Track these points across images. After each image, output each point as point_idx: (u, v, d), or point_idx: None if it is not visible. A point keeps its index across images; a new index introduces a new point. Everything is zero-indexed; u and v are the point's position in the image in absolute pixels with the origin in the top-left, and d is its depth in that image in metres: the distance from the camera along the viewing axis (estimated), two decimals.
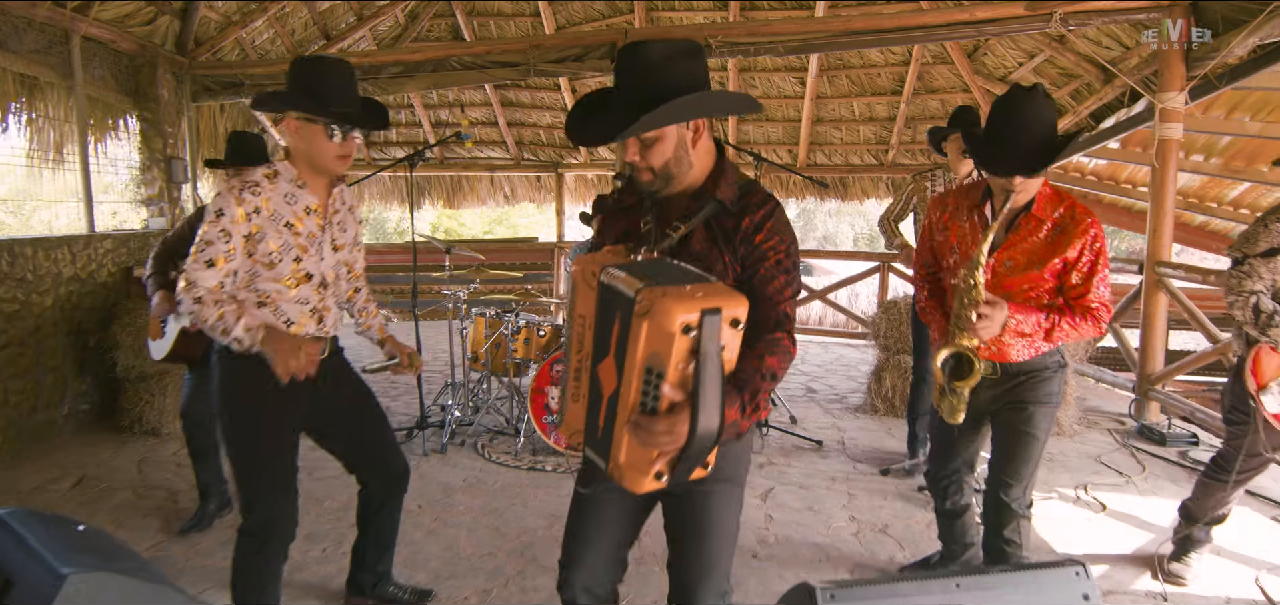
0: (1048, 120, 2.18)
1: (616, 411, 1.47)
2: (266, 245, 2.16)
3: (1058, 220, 2.22)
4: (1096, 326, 2.22)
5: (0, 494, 3.84)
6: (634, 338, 1.40)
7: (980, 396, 2.37)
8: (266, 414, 2.21)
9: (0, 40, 4.73)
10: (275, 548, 2.27)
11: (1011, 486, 2.35)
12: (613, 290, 1.47)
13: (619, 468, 1.49)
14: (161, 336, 3.53)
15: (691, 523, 1.73)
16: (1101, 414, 5.41)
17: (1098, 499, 3.83)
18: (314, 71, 2.18)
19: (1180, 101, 4.91)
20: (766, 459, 4.43)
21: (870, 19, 5.77)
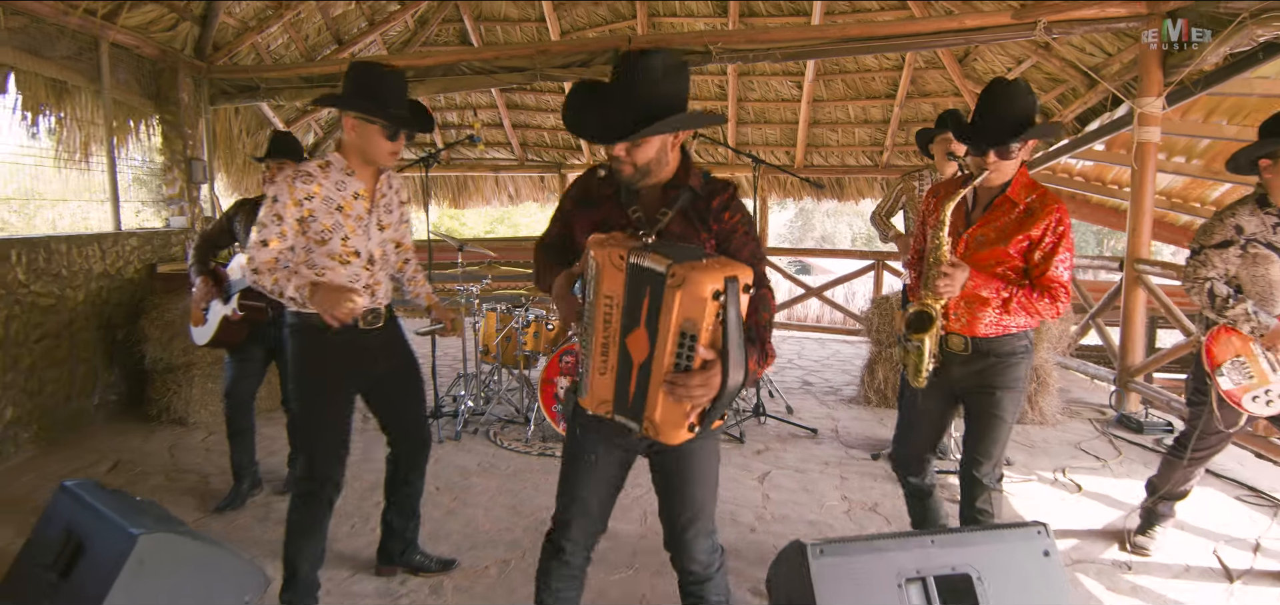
0: (1022, 106, 2.40)
1: (650, 375, 1.72)
2: (318, 225, 2.45)
3: (1029, 204, 2.42)
4: (1053, 304, 2.38)
5: (41, 477, 4.08)
6: (667, 307, 1.66)
7: (952, 374, 2.54)
8: (329, 383, 2.53)
9: (34, 47, 4.97)
10: (325, 500, 2.56)
11: (982, 464, 2.55)
12: (644, 269, 1.70)
13: (654, 425, 1.74)
14: (204, 323, 3.79)
15: (679, 475, 1.99)
16: (1084, 405, 5.66)
17: (1074, 481, 4.08)
18: (373, 76, 2.46)
19: (1157, 106, 5.16)
20: (764, 445, 4.68)
21: (864, 27, 6.02)
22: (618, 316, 1.77)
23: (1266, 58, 4.58)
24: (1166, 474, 3.18)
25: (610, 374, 1.80)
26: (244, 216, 3.77)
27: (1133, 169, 5.31)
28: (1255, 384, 2.79)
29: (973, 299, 2.44)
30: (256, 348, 3.75)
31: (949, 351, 2.52)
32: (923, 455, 2.78)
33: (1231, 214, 2.82)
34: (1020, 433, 4.93)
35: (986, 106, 2.43)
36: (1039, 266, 2.40)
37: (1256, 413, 2.81)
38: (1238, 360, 2.81)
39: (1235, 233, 2.79)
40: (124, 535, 2.30)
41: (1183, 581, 3.00)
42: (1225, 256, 2.80)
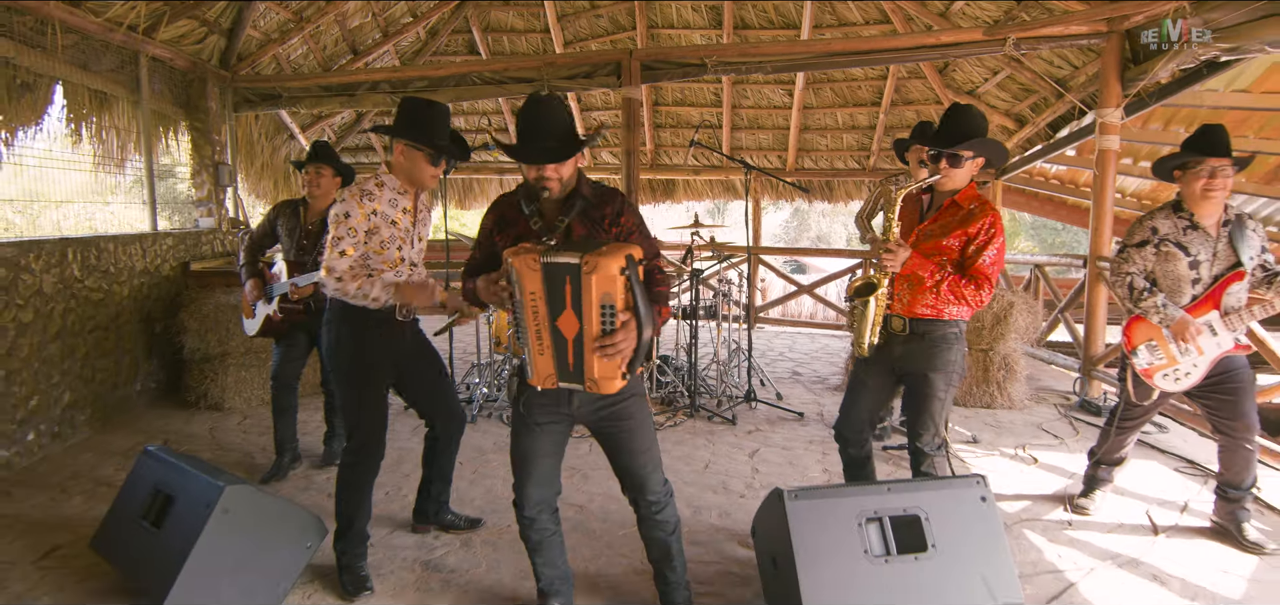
0: (971, 124, 2.85)
1: (583, 344, 2.22)
2: (379, 236, 2.87)
3: (971, 209, 2.85)
4: (977, 291, 2.76)
5: (99, 454, 4.51)
6: (587, 289, 2.15)
7: (893, 352, 2.94)
8: (370, 366, 2.94)
9: (84, 62, 5.39)
10: (370, 464, 2.99)
11: (921, 435, 2.94)
12: (559, 264, 2.17)
13: (595, 381, 2.25)
14: (253, 316, 4.23)
15: (623, 434, 2.47)
16: (1051, 392, 6.12)
17: (1033, 455, 4.53)
18: (422, 110, 2.89)
19: (1117, 117, 5.61)
20: (754, 427, 5.12)
21: (849, 42, 6.48)
22: (543, 307, 2.23)
23: (1210, 74, 5.03)
24: (1102, 442, 3.63)
25: (548, 352, 2.27)
26: (285, 218, 4.17)
27: (1094, 173, 5.76)
28: (1166, 364, 3.24)
29: (913, 280, 2.87)
30: (300, 335, 4.18)
31: (891, 331, 2.94)
32: (862, 427, 3.12)
33: (1151, 217, 3.27)
34: (989, 415, 5.39)
35: (944, 121, 2.92)
36: (971, 257, 2.82)
37: (1166, 389, 3.26)
38: (1151, 343, 3.26)
39: (1151, 233, 3.24)
40: (212, 487, 2.74)
41: (1114, 535, 3.45)
42: (1144, 254, 3.25)
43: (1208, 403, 3.30)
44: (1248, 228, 3.15)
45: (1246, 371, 3.22)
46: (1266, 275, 3.15)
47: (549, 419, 2.45)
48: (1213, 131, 3.12)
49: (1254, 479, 3.33)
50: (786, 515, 2.56)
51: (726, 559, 3.25)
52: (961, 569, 2.56)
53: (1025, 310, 5.69)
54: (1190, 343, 3.14)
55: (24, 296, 4.36)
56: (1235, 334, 3.13)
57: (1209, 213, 3.16)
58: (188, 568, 2.59)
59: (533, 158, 2.31)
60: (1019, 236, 24.18)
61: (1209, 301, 3.13)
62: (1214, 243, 3.16)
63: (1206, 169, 3.07)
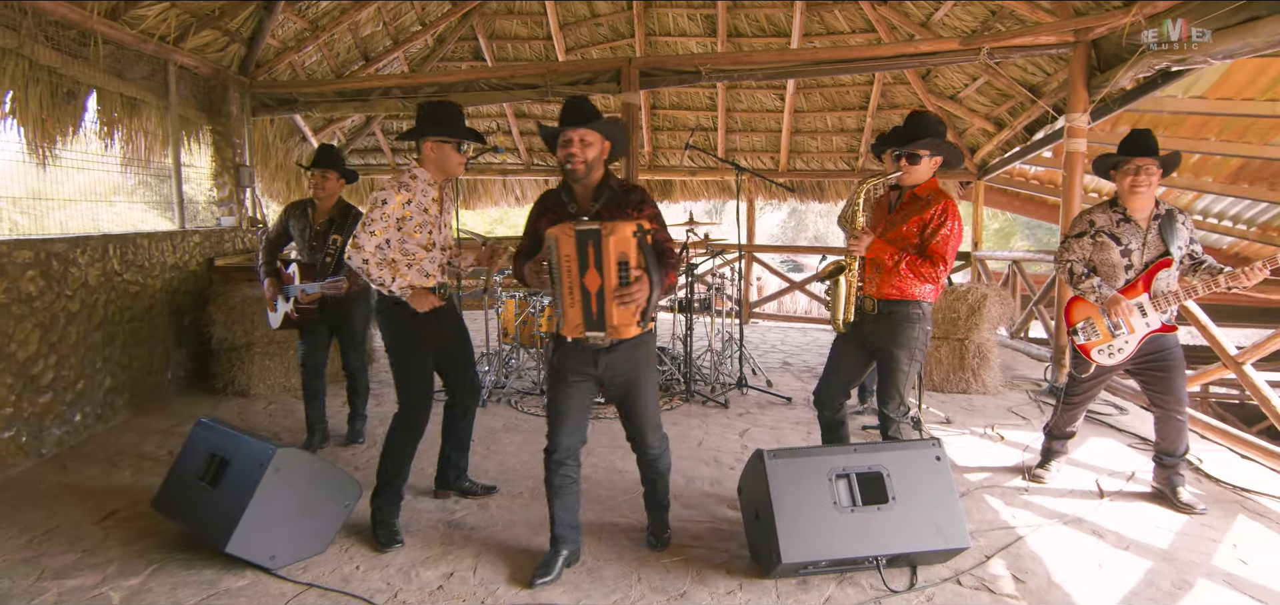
0: (926, 128, 3.33)
1: (604, 297, 2.75)
2: (412, 222, 3.28)
3: (928, 198, 3.31)
4: (933, 267, 3.20)
5: (141, 434, 4.89)
6: (606, 250, 2.69)
7: (865, 329, 3.40)
8: (417, 345, 3.38)
9: (119, 70, 5.78)
10: (417, 430, 3.40)
11: (888, 403, 3.37)
12: (585, 231, 2.73)
13: (614, 328, 2.78)
14: (274, 311, 4.59)
15: (633, 397, 3.03)
16: (1024, 379, 6.52)
17: (1000, 434, 4.93)
18: (443, 109, 3.35)
19: (1084, 121, 6.01)
20: (745, 410, 5.52)
21: (837, 51, 6.88)
22: (574, 266, 2.76)
23: (1165, 82, 5.44)
24: (1055, 417, 4.03)
25: (578, 305, 2.81)
26: (296, 219, 4.53)
27: (1063, 174, 6.17)
28: (1101, 340, 3.64)
29: (878, 264, 3.33)
30: (322, 326, 4.55)
31: (863, 311, 3.40)
32: (837, 394, 3.58)
33: (1089, 212, 3.69)
34: (964, 400, 5.79)
35: (905, 126, 3.44)
36: (927, 239, 3.27)
37: (1102, 362, 3.66)
38: (1088, 322, 3.67)
39: (1089, 226, 3.66)
40: (265, 449, 3.12)
41: (1064, 499, 3.84)
42: (1082, 244, 3.67)
43: (1144, 379, 3.70)
44: (1177, 221, 3.55)
45: (1177, 351, 3.61)
46: (1193, 263, 3.55)
47: (578, 378, 2.96)
48: (1140, 135, 3.54)
49: (1186, 447, 3.73)
50: (766, 473, 2.96)
51: (716, 519, 3.64)
52: (917, 517, 2.95)
53: (998, 302, 6.09)
54: (1121, 320, 3.54)
55: (72, 288, 4.74)
56: (1164, 315, 3.52)
57: (1139, 207, 3.57)
58: (246, 518, 2.98)
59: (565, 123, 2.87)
60: (1015, 236, 24.61)
61: (1140, 285, 3.54)
62: (1144, 233, 3.56)
63: (1133, 167, 3.50)
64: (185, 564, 3.14)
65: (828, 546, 2.89)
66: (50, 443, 4.52)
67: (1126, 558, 3.22)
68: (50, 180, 5.52)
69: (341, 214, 4.50)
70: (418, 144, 3.37)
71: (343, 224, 4.46)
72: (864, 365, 3.55)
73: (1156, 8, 5.05)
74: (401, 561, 3.19)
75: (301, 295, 4.37)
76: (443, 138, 3.30)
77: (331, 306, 4.47)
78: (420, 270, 3.36)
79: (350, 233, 4.25)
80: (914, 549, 2.93)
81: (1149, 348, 3.59)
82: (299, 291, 4.37)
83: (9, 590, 2.95)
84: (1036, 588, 2.98)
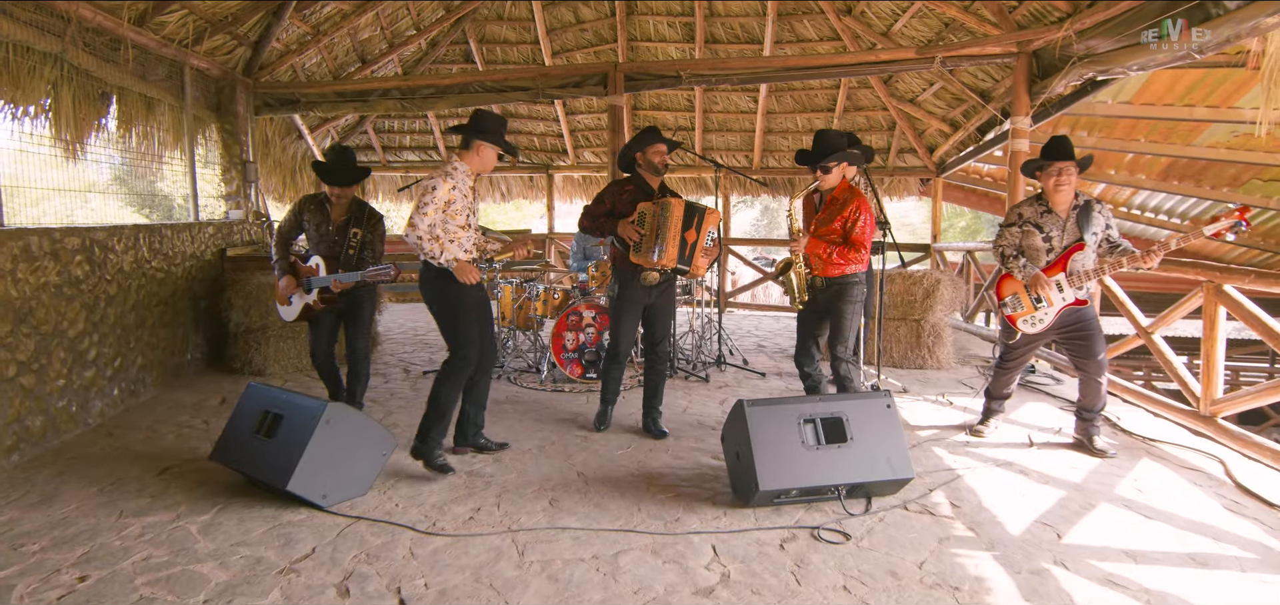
0: (832, 143, 4.27)
1: (695, 248, 4.42)
2: (455, 207, 3.86)
3: (843, 199, 4.25)
4: (857, 251, 4.18)
5: (171, 408, 5.34)
6: (703, 223, 4.44)
7: (817, 300, 4.39)
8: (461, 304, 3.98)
9: (142, 73, 6.19)
10: (465, 367, 4.00)
11: (837, 346, 4.34)
12: (696, 206, 4.46)
13: (696, 267, 4.47)
14: (289, 306, 4.76)
15: (663, 313, 4.64)
16: (975, 356, 7.20)
17: (950, 400, 5.58)
18: (495, 120, 4.03)
19: (1026, 123, 6.68)
20: (724, 383, 6.11)
21: (805, 58, 7.52)
22: (680, 224, 4.35)
23: (1094, 89, 6.13)
24: (992, 380, 4.68)
25: (675, 246, 4.35)
26: (311, 214, 4.73)
27: (1008, 171, 6.85)
28: (1025, 312, 4.30)
29: (816, 255, 4.25)
30: (329, 315, 4.78)
31: (815, 287, 4.30)
32: (810, 352, 4.50)
33: (1019, 205, 4.38)
34: (919, 374, 6.44)
35: (815, 144, 4.32)
36: (848, 230, 4.20)
37: (1027, 331, 4.32)
38: (1014, 296, 4.32)
39: (1017, 217, 4.33)
40: (318, 404, 3.63)
41: (999, 449, 4.48)
42: (1012, 232, 4.33)
43: (1069, 347, 4.37)
44: (1094, 210, 4.16)
45: (1094, 322, 4.28)
46: (1110, 245, 4.16)
47: (633, 303, 4.57)
48: (1059, 141, 4.20)
49: (1103, 404, 4.39)
50: (746, 419, 3.53)
51: (702, 466, 4.21)
52: (871, 453, 3.56)
53: (950, 286, 6.76)
54: (1041, 293, 4.19)
55: (111, 273, 5.18)
56: (1078, 291, 4.16)
57: (1060, 201, 4.21)
58: (303, 461, 3.48)
59: (657, 141, 4.55)
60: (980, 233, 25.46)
61: (1058, 266, 4.19)
62: (1063, 222, 4.21)
63: (1055, 169, 4.15)
64: (247, 504, 3.63)
65: (797, 477, 3.48)
66: (94, 413, 4.96)
67: (1045, 489, 3.86)
68: (78, 174, 5.93)
69: (359, 209, 4.71)
70: (467, 140, 3.97)
71: (361, 219, 4.68)
72: (821, 324, 4.49)
73: (1084, 23, 5.72)
74: (435, 499, 3.72)
75: (335, 285, 4.48)
76: (492, 142, 3.98)
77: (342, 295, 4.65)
78: (460, 246, 3.92)
79: (370, 227, 4.70)
80: (868, 479, 3.53)
81: (1067, 319, 4.23)
82: (332, 282, 4.48)
83: (97, 526, 3.42)
84: (969, 511, 3.59)
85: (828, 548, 3.22)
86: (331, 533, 3.36)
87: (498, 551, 3.19)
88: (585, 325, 5.98)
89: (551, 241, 11.38)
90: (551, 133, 10.98)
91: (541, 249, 11.41)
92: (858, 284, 4.28)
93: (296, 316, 4.76)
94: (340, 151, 4.72)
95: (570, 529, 3.40)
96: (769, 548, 3.21)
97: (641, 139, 4.54)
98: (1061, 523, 3.46)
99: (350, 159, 4.70)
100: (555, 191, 11.55)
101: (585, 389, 5.85)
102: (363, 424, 3.81)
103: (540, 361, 6.37)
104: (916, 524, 3.45)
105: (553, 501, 3.72)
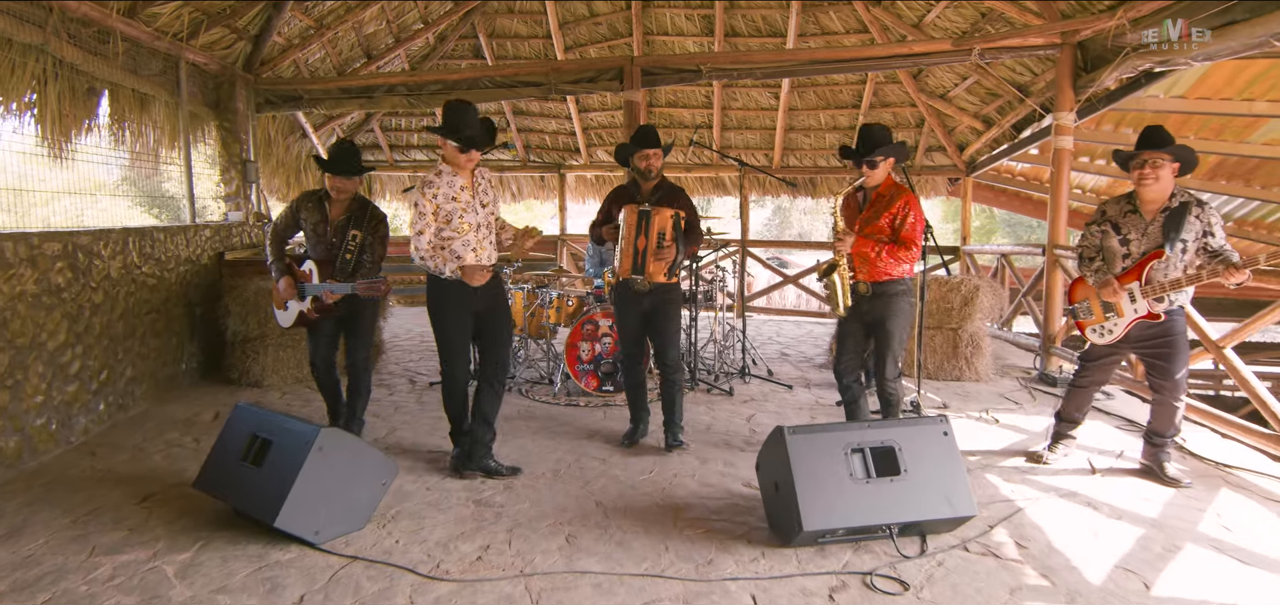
0: (878, 137, 3.93)
1: (646, 253, 4.17)
2: (445, 211, 3.75)
3: (890, 195, 3.95)
4: (908, 250, 3.85)
5: (161, 423, 5.00)
6: (652, 225, 4.17)
7: (862, 308, 4.01)
8: (447, 310, 3.88)
9: (133, 67, 5.87)
10: (450, 377, 3.99)
11: (887, 367, 4.01)
12: (643, 210, 4.19)
13: (649, 274, 4.18)
14: (285, 311, 4.46)
15: (662, 322, 4.33)
16: (1015, 367, 6.78)
17: (995, 417, 5.17)
18: (451, 111, 3.77)
19: (1070, 119, 6.27)
20: (749, 397, 5.72)
21: (831, 51, 7.10)
22: (633, 233, 4.17)
23: (1148, 83, 5.70)
24: (1065, 402, 4.25)
25: (630, 256, 4.19)
26: (308, 212, 4.40)
27: (1051, 170, 6.43)
28: (1094, 320, 3.90)
29: (863, 256, 3.92)
30: (328, 322, 4.45)
31: (858, 293, 4.01)
32: (853, 367, 4.14)
33: (1105, 204, 3.98)
34: (958, 387, 6.03)
35: (860, 138, 4.00)
36: (898, 229, 3.92)
37: (1095, 341, 3.92)
38: (1083, 302, 3.93)
39: (1100, 216, 3.95)
40: (310, 429, 3.27)
41: (1058, 476, 4.08)
42: (1093, 231, 3.97)
43: (1146, 362, 3.96)
44: (1189, 215, 3.61)
45: (1176, 339, 3.76)
46: (1210, 255, 3.61)
47: (628, 309, 4.38)
48: (1151, 130, 3.70)
49: (1177, 431, 3.95)
50: (787, 447, 3.15)
51: (733, 495, 3.83)
52: (927, 487, 3.16)
53: (990, 293, 6.34)
54: (1111, 301, 3.81)
55: (96, 280, 4.85)
56: (1160, 303, 3.69)
57: (1147, 198, 3.72)
58: (293, 494, 3.12)
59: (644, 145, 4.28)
60: (996, 233, 24.97)
61: (1134, 273, 3.76)
62: (1146, 225, 3.73)
63: (1139, 160, 3.67)
64: (231, 540, 3.28)
65: (844, 515, 3.09)
66: (77, 431, 4.62)
67: (1120, 526, 3.46)
68: (64, 175, 5.60)
69: (361, 209, 4.38)
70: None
71: (362, 219, 4.34)
72: (866, 337, 4.14)
73: (1140, 11, 5.30)
74: (439, 534, 3.35)
75: (327, 295, 4.19)
76: (445, 137, 3.76)
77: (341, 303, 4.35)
78: (465, 243, 3.79)
79: (370, 229, 4.35)
80: (924, 517, 3.14)
81: (1143, 332, 3.80)
82: (325, 290, 4.18)
83: (63, 566, 3.07)
84: (1038, 553, 3.19)
85: (883, 599, 2.83)
86: (323, 576, 3.00)
87: (509, 600, 2.82)
88: (601, 335, 5.61)
89: (563, 243, 11.02)
90: (564, 131, 10.61)
91: (552, 251, 11.05)
92: (907, 294, 3.99)
93: (292, 323, 4.45)
94: (343, 144, 4.44)
95: (591, 573, 3.02)
96: (816, 598, 2.83)
97: (634, 141, 4.35)
98: (1146, 569, 3.06)
99: (354, 151, 4.40)
100: (567, 192, 11.18)
101: (602, 402, 5.48)
102: (360, 451, 3.45)
103: (553, 373, 6.00)
104: (981, 569, 3.05)
105: (570, 539, 3.34)
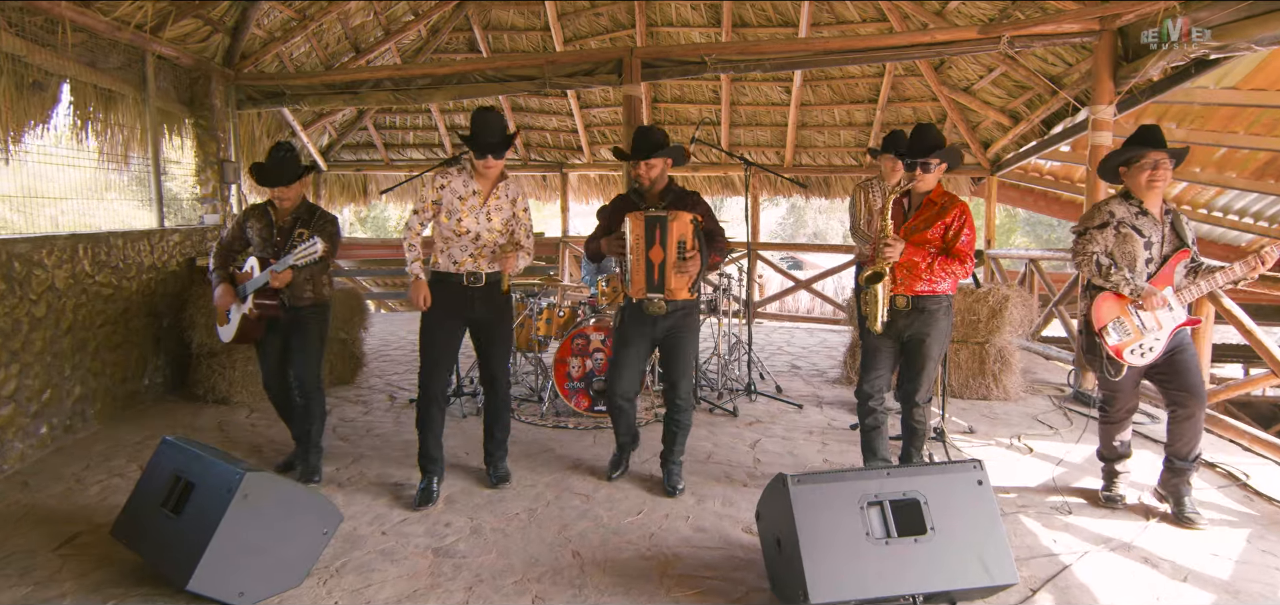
0: (934, 139, 3.55)
1: (665, 267, 3.58)
2: (444, 208, 3.72)
3: (943, 204, 3.56)
4: (961, 263, 3.48)
5: (113, 445, 4.58)
6: (670, 233, 3.54)
7: (898, 324, 3.57)
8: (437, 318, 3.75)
9: (92, 60, 5.45)
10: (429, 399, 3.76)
11: (918, 392, 3.66)
12: (655, 216, 3.59)
13: (671, 291, 3.61)
14: (227, 323, 4.05)
15: (678, 347, 3.80)
16: (1046, 384, 6.22)
17: (1028, 445, 4.63)
18: (478, 121, 3.67)
19: (1109, 113, 5.70)
20: (755, 418, 5.22)
21: (847, 41, 6.58)
22: (643, 245, 3.60)
23: (1199, 72, 5.14)
24: (1103, 441, 3.75)
25: (643, 272, 3.62)
26: (255, 220, 4.01)
27: (1086, 168, 5.87)
28: (1132, 339, 3.39)
29: (909, 266, 3.54)
30: (274, 338, 4.03)
31: (896, 309, 3.56)
32: (881, 389, 3.75)
33: (1107, 203, 3.52)
34: (985, 407, 5.49)
35: (914, 138, 3.60)
36: (951, 241, 3.53)
37: (1134, 364, 3.40)
38: (1118, 321, 3.40)
39: (1109, 216, 3.47)
40: (232, 473, 2.81)
41: (1108, 520, 3.55)
42: (1104, 235, 3.47)
43: (1161, 377, 3.50)
44: (1182, 217, 3.50)
45: (1192, 344, 3.52)
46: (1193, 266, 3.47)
47: (637, 336, 3.78)
48: (1150, 129, 3.44)
49: (1200, 452, 3.50)
50: (790, 500, 2.65)
51: (731, 544, 3.34)
52: (959, 550, 2.65)
53: (1020, 304, 5.80)
54: (1154, 313, 3.36)
55: (37, 291, 4.43)
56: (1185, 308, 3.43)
57: (1154, 201, 3.45)
58: (210, 551, 2.67)
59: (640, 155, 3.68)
60: (1015, 232, 24.26)
61: (1163, 278, 3.39)
62: (1160, 226, 3.43)
63: (1150, 161, 3.36)
64: (145, 599, 2.84)
65: (860, 584, 2.59)
66: (12, 458, 4.20)
67: (1184, 589, 2.93)
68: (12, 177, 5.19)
69: (308, 212, 4.04)
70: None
71: (310, 219, 3.99)
72: (897, 358, 3.77)
73: None
74: (386, 595, 2.89)
75: (273, 277, 3.75)
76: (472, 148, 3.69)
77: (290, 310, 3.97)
78: (449, 256, 3.70)
79: (318, 227, 3.93)
80: (956, 587, 2.63)
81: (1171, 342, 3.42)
82: (269, 274, 3.76)
83: None
84: None
85: None
86: None
87: None
88: (593, 350, 5.13)
89: (566, 245, 10.54)
90: (565, 128, 10.13)
91: (553, 254, 10.58)
92: (947, 312, 3.62)
93: (234, 335, 4.00)
94: (278, 149, 3.97)
95: None
96: None
97: (632, 149, 3.76)
98: None
99: (289, 158, 3.94)
100: (570, 191, 10.72)
101: (592, 424, 4.99)
102: (295, 496, 2.99)
103: (543, 389, 5.53)
104: None
105: (537, 600, 2.86)
